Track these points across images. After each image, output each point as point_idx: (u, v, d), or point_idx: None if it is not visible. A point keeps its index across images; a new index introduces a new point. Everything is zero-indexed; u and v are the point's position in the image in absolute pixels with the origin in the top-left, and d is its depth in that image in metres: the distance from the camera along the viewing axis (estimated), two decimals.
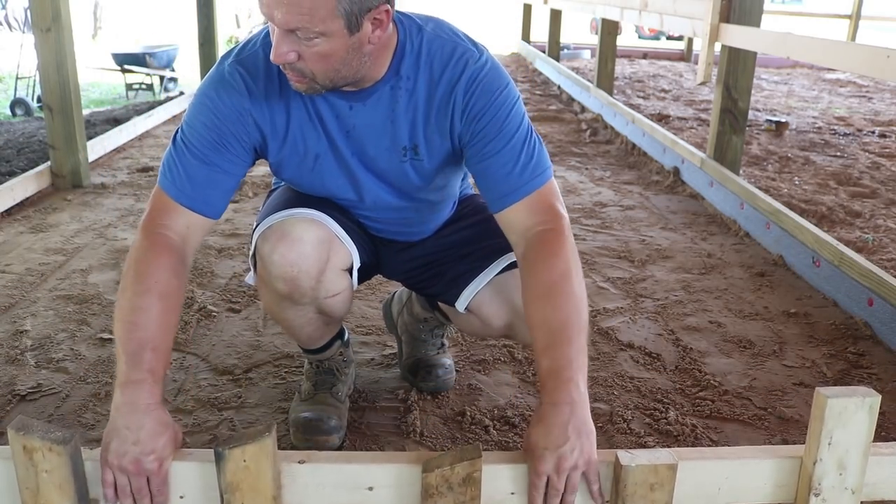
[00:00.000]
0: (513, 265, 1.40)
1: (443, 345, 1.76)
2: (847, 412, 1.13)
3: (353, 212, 1.44)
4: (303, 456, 1.16)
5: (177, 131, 1.25)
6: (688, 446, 1.53)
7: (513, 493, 1.11)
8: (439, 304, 1.63)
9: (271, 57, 1.12)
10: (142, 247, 1.18)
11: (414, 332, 1.74)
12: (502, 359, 1.88)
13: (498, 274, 1.42)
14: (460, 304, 1.45)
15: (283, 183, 1.51)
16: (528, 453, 1.09)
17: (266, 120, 1.25)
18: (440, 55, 1.23)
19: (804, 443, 1.18)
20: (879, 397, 1.14)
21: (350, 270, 1.42)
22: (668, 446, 1.52)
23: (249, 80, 1.22)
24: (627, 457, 1.10)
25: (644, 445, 1.53)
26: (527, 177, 1.23)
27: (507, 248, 1.36)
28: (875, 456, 1.18)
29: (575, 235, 2.91)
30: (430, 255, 1.51)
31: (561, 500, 1.07)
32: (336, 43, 1.11)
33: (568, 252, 1.20)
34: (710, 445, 1.54)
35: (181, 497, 1.13)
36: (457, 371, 1.80)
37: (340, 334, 1.63)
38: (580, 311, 1.17)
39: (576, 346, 1.14)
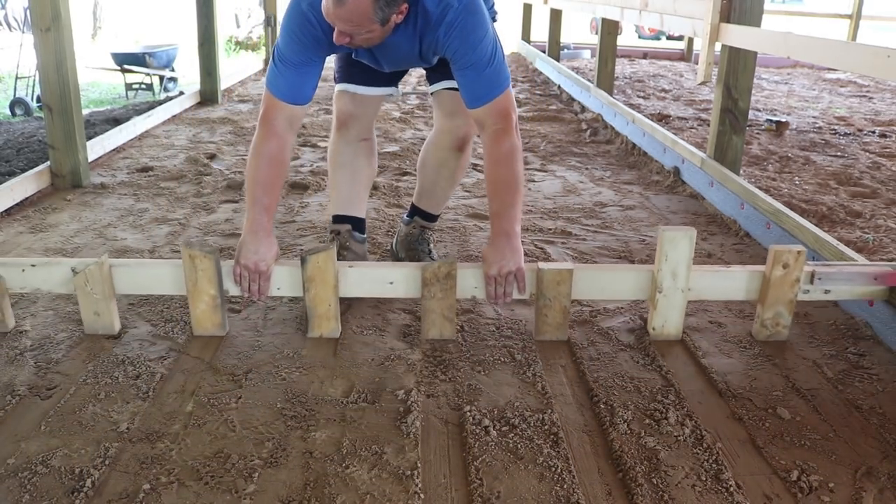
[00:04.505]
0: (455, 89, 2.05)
1: (430, 251, 2.43)
2: (676, 239, 1.87)
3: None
4: (351, 263, 1.95)
5: (275, 50, 1.88)
6: (689, 448, 1.54)
7: (475, 287, 1.92)
8: (415, 206, 2.44)
9: (334, 39, 1.76)
10: (260, 133, 1.90)
11: (408, 244, 2.43)
12: (502, 359, 1.88)
13: (453, 89, 2.10)
14: (432, 89, 2.23)
15: None
16: (483, 264, 1.87)
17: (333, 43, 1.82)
18: (432, 6, 1.80)
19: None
20: (695, 231, 1.88)
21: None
22: (669, 447, 1.53)
23: (324, 20, 1.75)
24: (544, 265, 1.90)
25: (644, 446, 1.53)
26: (488, 89, 1.86)
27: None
28: (696, 271, 1.94)
29: (575, 235, 2.89)
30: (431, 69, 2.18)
31: (504, 291, 1.85)
32: (374, 34, 1.77)
33: (513, 143, 1.87)
34: (710, 446, 1.54)
35: (278, 288, 1.93)
36: (457, 371, 1.80)
37: (356, 225, 2.26)
38: (518, 179, 1.86)
39: (514, 199, 1.85)
